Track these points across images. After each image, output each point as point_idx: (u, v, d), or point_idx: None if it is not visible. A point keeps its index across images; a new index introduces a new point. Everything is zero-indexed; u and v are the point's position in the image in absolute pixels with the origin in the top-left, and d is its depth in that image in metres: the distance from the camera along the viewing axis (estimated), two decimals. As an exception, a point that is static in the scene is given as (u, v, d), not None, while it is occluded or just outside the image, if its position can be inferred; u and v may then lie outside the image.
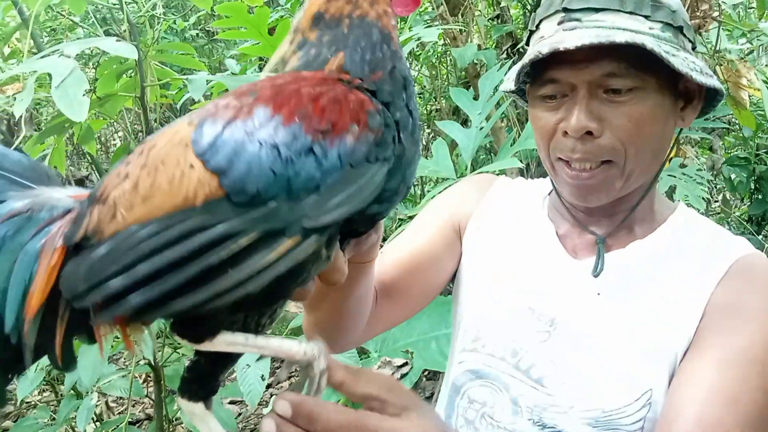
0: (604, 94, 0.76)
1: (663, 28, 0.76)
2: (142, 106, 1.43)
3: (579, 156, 0.78)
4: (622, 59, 0.74)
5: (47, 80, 0.96)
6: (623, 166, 0.78)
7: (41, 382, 1.60)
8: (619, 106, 0.76)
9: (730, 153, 3.90)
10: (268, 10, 1.45)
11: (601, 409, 0.78)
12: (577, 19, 0.77)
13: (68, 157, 3.92)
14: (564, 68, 0.77)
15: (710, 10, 1.33)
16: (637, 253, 0.84)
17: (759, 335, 0.74)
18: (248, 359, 1.52)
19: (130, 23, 1.38)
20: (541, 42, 0.79)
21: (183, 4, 3.63)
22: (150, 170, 0.46)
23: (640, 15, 0.76)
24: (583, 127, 0.76)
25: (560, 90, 0.79)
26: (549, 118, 0.80)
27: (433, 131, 3.47)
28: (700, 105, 0.83)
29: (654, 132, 0.78)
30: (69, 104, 0.92)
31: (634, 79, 0.75)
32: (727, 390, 0.71)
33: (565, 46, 0.71)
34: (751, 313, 0.75)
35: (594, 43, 0.71)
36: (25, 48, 1.33)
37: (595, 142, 0.77)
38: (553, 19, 0.80)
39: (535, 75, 0.81)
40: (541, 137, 0.83)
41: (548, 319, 0.85)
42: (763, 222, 3.95)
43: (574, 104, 0.77)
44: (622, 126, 0.76)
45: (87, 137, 1.54)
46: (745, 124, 1.74)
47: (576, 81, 0.76)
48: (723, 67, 1.58)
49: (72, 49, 1.05)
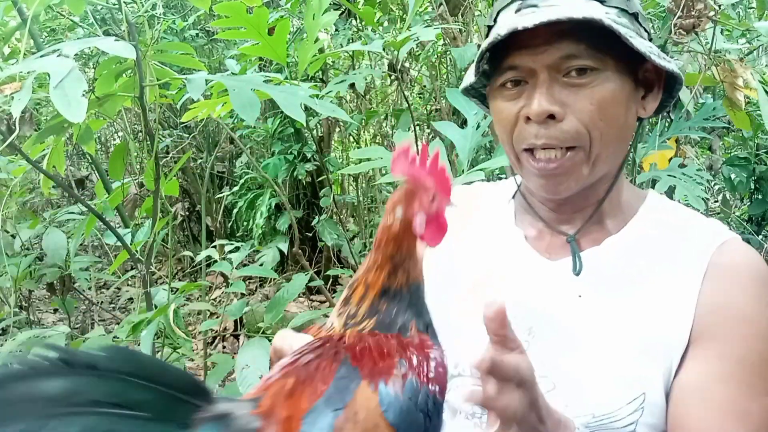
0: (564, 78, 0.75)
1: (619, 13, 0.76)
2: (141, 106, 1.43)
3: (543, 142, 0.77)
4: (581, 41, 0.73)
5: (47, 80, 0.96)
6: (589, 150, 0.77)
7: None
8: (580, 89, 0.75)
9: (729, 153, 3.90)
10: (266, 10, 1.45)
11: (591, 414, 0.75)
12: (534, 5, 0.76)
13: (68, 157, 3.92)
14: (523, 53, 0.76)
15: (705, 10, 1.33)
16: (613, 250, 0.83)
17: (753, 338, 0.74)
18: (248, 359, 1.51)
19: (129, 23, 1.38)
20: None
21: (182, 4, 3.63)
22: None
23: (595, 0, 0.76)
24: (545, 110, 0.75)
25: (520, 76, 0.78)
26: (510, 108, 0.79)
27: (432, 131, 3.47)
28: (660, 94, 0.83)
29: (617, 115, 0.77)
30: (67, 104, 0.92)
31: (594, 60, 0.74)
32: (737, 404, 0.71)
33: (524, 24, 0.71)
34: (742, 313, 0.75)
35: (552, 20, 0.70)
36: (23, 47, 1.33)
37: (558, 126, 0.75)
38: (511, 8, 0.79)
39: (494, 67, 0.80)
40: (505, 129, 0.81)
41: (525, 328, 0.81)
42: (763, 222, 3.94)
43: (534, 89, 0.76)
44: (585, 109, 0.75)
45: (86, 137, 1.54)
46: (739, 126, 1.73)
47: (535, 65, 0.75)
48: (719, 67, 1.58)
49: (71, 49, 1.06)
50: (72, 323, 2.76)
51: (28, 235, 2.27)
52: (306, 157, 3.53)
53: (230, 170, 4.37)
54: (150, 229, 1.67)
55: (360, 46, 2.13)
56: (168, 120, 3.90)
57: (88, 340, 1.49)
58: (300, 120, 1.23)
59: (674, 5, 1.39)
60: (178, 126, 3.76)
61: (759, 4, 2.22)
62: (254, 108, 1.19)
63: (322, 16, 1.54)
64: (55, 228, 2.14)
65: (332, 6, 1.68)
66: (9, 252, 2.17)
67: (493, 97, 0.83)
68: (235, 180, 4.03)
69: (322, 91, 1.69)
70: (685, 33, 1.37)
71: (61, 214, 2.23)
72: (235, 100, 1.19)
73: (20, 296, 2.43)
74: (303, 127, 3.48)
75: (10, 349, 1.62)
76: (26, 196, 2.78)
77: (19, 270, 2.09)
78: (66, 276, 2.37)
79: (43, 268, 2.27)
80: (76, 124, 1.42)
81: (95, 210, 1.69)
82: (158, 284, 2.08)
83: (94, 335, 1.52)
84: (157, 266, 4.12)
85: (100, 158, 4.49)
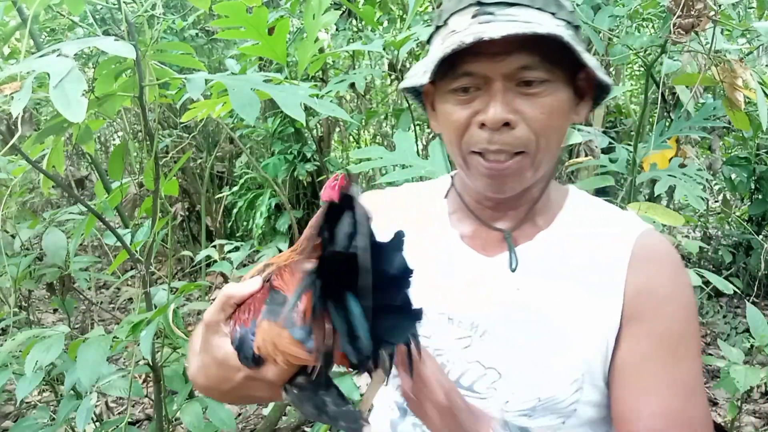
0: (516, 87, 0.78)
1: (566, 25, 0.80)
2: (140, 106, 1.43)
3: (496, 147, 0.80)
4: (536, 53, 0.76)
5: (46, 80, 0.96)
6: (534, 156, 0.81)
7: (41, 382, 1.60)
8: (533, 98, 0.78)
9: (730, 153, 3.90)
10: (266, 10, 1.45)
11: (536, 398, 0.81)
12: (490, 12, 0.78)
13: (67, 157, 3.92)
14: (481, 61, 0.78)
15: (705, 10, 1.33)
16: (546, 244, 0.87)
17: (674, 314, 0.83)
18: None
19: (129, 23, 1.38)
20: (455, 35, 0.79)
21: (182, 4, 3.63)
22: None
23: (547, 12, 0.79)
24: (502, 118, 0.78)
25: (474, 83, 0.80)
26: (462, 112, 0.81)
27: (432, 131, 3.47)
28: (590, 101, 0.88)
29: (561, 123, 0.82)
30: (67, 104, 0.92)
31: (546, 72, 0.78)
32: (666, 374, 0.80)
33: (491, 36, 0.72)
34: (663, 294, 0.83)
35: (519, 33, 0.72)
36: (24, 47, 1.33)
37: (511, 133, 0.79)
38: (466, 13, 0.80)
39: (446, 70, 0.81)
40: (454, 131, 0.83)
41: (468, 323, 0.86)
42: (763, 222, 3.94)
43: (489, 96, 0.79)
44: (536, 117, 0.79)
45: (86, 137, 1.54)
46: (738, 126, 1.73)
47: (492, 73, 0.78)
48: (719, 67, 1.58)
49: (70, 49, 1.05)
50: (72, 323, 2.76)
51: (27, 235, 2.27)
52: (306, 157, 3.53)
53: (230, 170, 4.38)
54: (150, 229, 1.67)
55: (360, 46, 2.13)
56: (168, 120, 3.90)
57: (87, 340, 1.49)
58: (300, 120, 1.23)
59: (674, 5, 1.39)
60: (178, 126, 3.76)
61: (759, 4, 2.22)
62: (254, 107, 1.19)
63: (322, 15, 1.54)
64: (54, 228, 2.13)
65: (332, 6, 1.68)
66: (9, 252, 2.17)
67: (443, 100, 0.84)
68: (235, 180, 4.03)
69: (322, 91, 1.69)
70: (685, 33, 1.37)
71: (61, 214, 2.23)
72: (235, 99, 1.19)
73: (20, 296, 2.43)
74: (303, 127, 3.48)
75: (9, 349, 1.62)
76: (26, 196, 2.78)
77: (18, 270, 2.09)
78: (66, 276, 2.37)
79: (42, 268, 2.26)
80: (76, 124, 1.42)
81: (95, 210, 1.69)
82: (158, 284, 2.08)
83: (94, 335, 1.52)
84: (156, 266, 4.12)
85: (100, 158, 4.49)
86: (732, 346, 1.91)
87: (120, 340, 1.54)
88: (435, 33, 0.87)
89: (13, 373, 1.61)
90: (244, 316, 0.68)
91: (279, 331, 0.63)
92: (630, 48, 1.82)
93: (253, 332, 0.66)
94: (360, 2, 2.84)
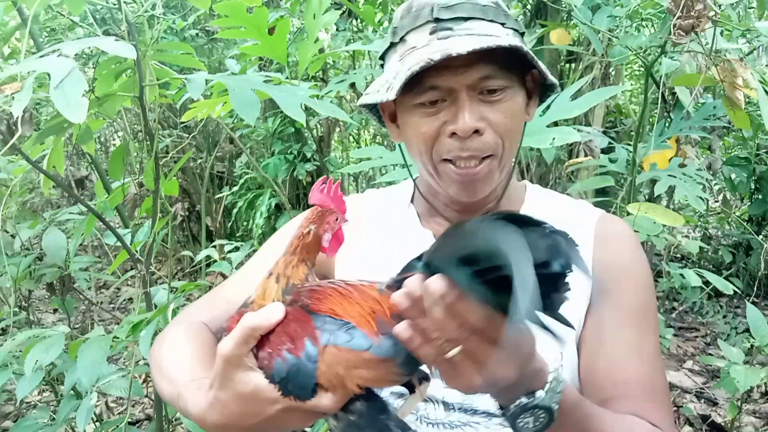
0: (480, 95, 0.84)
1: (514, 33, 0.86)
2: (141, 106, 1.43)
3: (468, 154, 0.85)
4: (495, 62, 0.82)
5: (47, 80, 0.96)
6: (501, 158, 0.87)
7: (41, 382, 1.60)
8: (496, 105, 0.84)
9: (730, 153, 3.90)
10: (266, 10, 1.45)
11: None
12: (449, 28, 0.84)
13: (67, 157, 3.92)
14: (445, 74, 0.82)
15: (705, 10, 1.33)
16: None
17: (636, 288, 0.90)
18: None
19: (129, 23, 1.38)
20: (415, 52, 0.84)
21: (182, 4, 3.63)
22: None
23: (497, 23, 0.85)
24: (472, 127, 0.83)
25: (440, 96, 0.85)
26: (431, 123, 0.86)
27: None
28: (537, 100, 0.94)
29: (520, 125, 0.89)
30: (67, 105, 0.92)
31: (505, 79, 0.84)
32: (632, 342, 0.87)
33: (458, 51, 0.77)
34: (626, 270, 0.91)
35: (484, 47, 0.77)
36: (24, 48, 1.33)
37: (480, 139, 0.84)
38: (424, 30, 0.85)
39: (411, 85, 0.84)
40: (424, 142, 0.88)
41: None
42: (763, 222, 3.94)
43: (457, 107, 0.84)
44: (501, 122, 0.85)
45: (86, 137, 1.54)
46: (739, 125, 1.74)
47: (456, 86, 0.83)
48: (719, 66, 1.58)
49: (71, 49, 1.05)
50: (72, 323, 2.76)
51: (28, 235, 2.27)
52: (306, 157, 3.53)
53: (230, 170, 4.37)
54: (150, 229, 1.67)
55: (360, 46, 2.13)
56: (168, 120, 3.90)
57: (88, 340, 1.49)
58: (300, 120, 1.23)
59: (673, 6, 1.39)
60: (178, 126, 3.76)
61: (759, 4, 2.22)
62: (254, 108, 1.19)
63: (322, 15, 1.54)
64: (54, 228, 2.13)
65: (333, 6, 1.68)
66: (9, 252, 2.17)
67: (410, 113, 0.88)
68: (235, 180, 4.03)
69: (323, 91, 1.69)
70: (685, 33, 1.38)
71: (61, 214, 2.23)
72: (235, 100, 1.19)
73: (20, 296, 2.43)
74: (303, 127, 3.48)
75: (9, 349, 1.61)
76: (26, 196, 2.78)
77: (18, 270, 2.08)
78: (66, 276, 2.37)
79: (42, 268, 2.26)
80: (76, 124, 1.42)
81: (95, 210, 1.69)
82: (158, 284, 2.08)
83: (94, 335, 1.52)
84: (156, 266, 4.12)
85: (100, 158, 4.49)
86: (732, 346, 1.91)
87: (120, 340, 1.54)
88: (390, 49, 0.90)
89: (13, 372, 1.61)
90: (283, 346, 0.65)
91: (358, 353, 0.61)
92: (629, 49, 1.82)
93: (313, 360, 0.63)
94: (360, 2, 2.84)
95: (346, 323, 0.64)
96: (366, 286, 0.69)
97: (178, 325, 0.97)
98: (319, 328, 0.65)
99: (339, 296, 0.68)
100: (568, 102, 1.36)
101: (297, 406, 0.64)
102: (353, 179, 4.23)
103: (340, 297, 0.68)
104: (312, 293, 0.70)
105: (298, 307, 0.68)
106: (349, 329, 0.64)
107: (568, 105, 1.35)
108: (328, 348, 0.63)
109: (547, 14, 2.76)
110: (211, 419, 0.70)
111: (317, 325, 0.65)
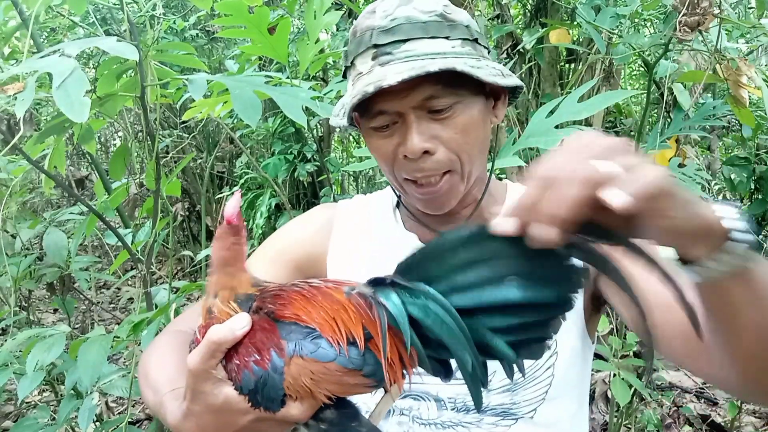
0: (428, 114, 0.83)
1: (462, 43, 0.85)
2: (142, 106, 1.43)
3: (423, 174, 0.86)
4: (438, 82, 0.81)
5: (47, 80, 0.96)
6: (461, 170, 0.87)
7: (41, 382, 1.60)
8: (446, 122, 0.84)
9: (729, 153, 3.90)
10: (267, 9, 1.45)
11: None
12: (388, 52, 0.84)
13: (68, 157, 3.92)
14: (389, 99, 0.83)
15: (710, 8, 1.34)
16: None
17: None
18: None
19: (131, 23, 1.38)
20: (361, 78, 0.85)
21: (183, 4, 3.63)
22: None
23: (440, 37, 0.84)
24: (420, 149, 0.83)
25: (390, 119, 0.85)
26: (387, 145, 0.87)
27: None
28: (507, 99, 0.93)
29: (478, 134, 0.87)
30: (70, 105, 0.92)
31: (451, 96, 0.83)
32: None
33: (388, 83, 0.78)
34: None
35: (413, 76, 0.77)
36: (25, 48, 1.33)
37: (432, 158, 0.84)
38: (366, 56, 0.86)
39: (362, 110, 0.86)
40: (385, 162, 0.89)
41: None
42: (763, 222, 3.95)
43: (406, 129, 0.84)
44: (452, 138, 0.84)
45: (87, 137, 1.54)
46: (745, 122, 1.74)
47: (402, 108, 0.83)
48: (723, 65, 1.58)
49: (73, 49, 1.05)
50: (72, 323, 2.76)
51: (28, 235, 2.27)
52: (306, 157, 3.52)
53: (230, 170, 4.37)
54: (150, 229, 1.67)
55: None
56: (168, 120, 3.90)
57: (88, 339, 1.49)
58: (301, 122, 1.23)
59: (679, 3, 1.39)
60: (178, 126, 3.76)
61: (759, 4, 2.22)
62: (256, 110, 1.19)
63: (323, 16, 1.53)
64: (55, 228, 2.13)
65: (333, 6, 1.67)
66: (9, 252, 2.17)
67: (368, 134, 0.90)
68: (235, 180, 4.03)
69: (323, 91, 1.69)
70: (690, 30, 1.38)
71: (62, 214, 2.23)
72: (237, 102, 1.19)
73: (20, 296, 2.43)
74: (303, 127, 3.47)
75: (9, 348, 1.61)
76: (26, 196, 2.78)
77: (19, 270, 2.08)
78: (66, 276, 2.37)
79: (43, 268, 2.26)
80: (77, 124, 1.42)
81: (96, 210, 1.69)
82: (158, 284, 2.08)
83: (95, 335, 1.52)
84: (157, 266, 4.12)
85: (101, 158, 4.49)
86: (732, 346, 1.91)
87: (121, 340, 1.54)
88: (348, 70, 0.91)
89: (13, 372, 1.61)
90: (250, 358, 0.64)
91: (323, 364, 0.61)
92: (633, 48, 1.82)
93: (279, 371, 0.62)
94: (361, 2, 2.84)
95: (312, 331, 0.64)
96: (331, 288, 0.68)
97: (168, 335, 0.97)
98: (285, 337, 0.64)
99: (303, 300, 0.67)
100: (575, 104, 1.36)
101: (269, 417, 0.65)
102: (353, 179, 4.23)
103: (305, 300, 0.67)
104: (276, 298, 0.68)
105: (264, 314, 0.67)
106: (314, 338, 0.63)
107: (575, 107, 1.35)
108: (294, 359, 0.63)
109: (547, 13, 2.76)
110: (187, 429, 0.72)
111: (283, 334, 0.64)
